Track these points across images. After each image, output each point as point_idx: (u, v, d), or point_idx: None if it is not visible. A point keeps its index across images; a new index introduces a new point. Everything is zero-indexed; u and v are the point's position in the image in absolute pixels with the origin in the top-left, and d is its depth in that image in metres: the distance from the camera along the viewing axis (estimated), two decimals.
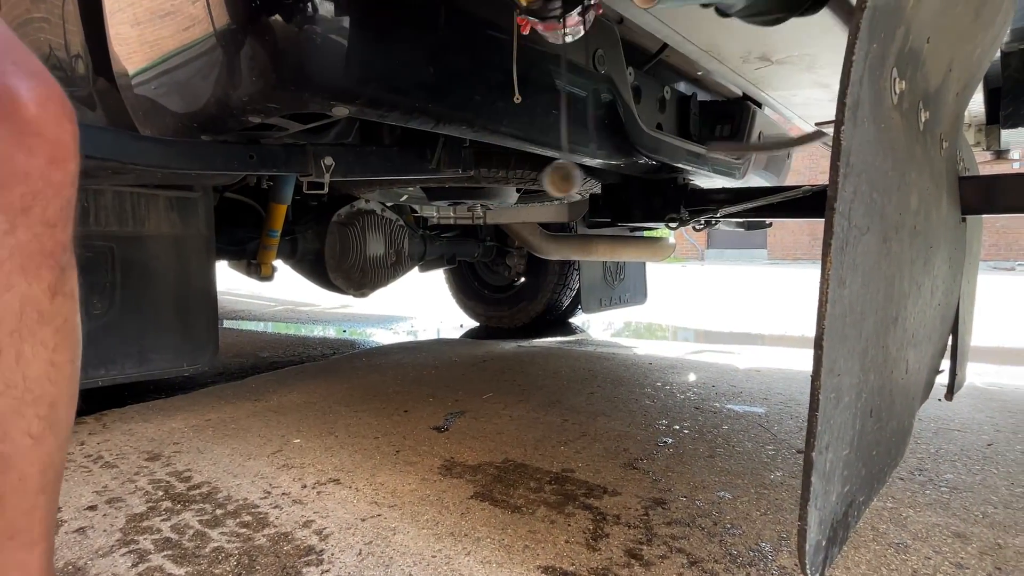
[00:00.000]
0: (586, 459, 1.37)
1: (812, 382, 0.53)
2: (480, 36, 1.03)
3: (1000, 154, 2.46)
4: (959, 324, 1.31)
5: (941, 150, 1.05)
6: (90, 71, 1.06)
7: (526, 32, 0.84)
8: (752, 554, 0.99)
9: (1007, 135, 2.14)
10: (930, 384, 1.15)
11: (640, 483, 1.25)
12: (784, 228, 14.40)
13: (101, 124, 1.07)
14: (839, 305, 0.54)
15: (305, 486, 1.25)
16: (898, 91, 0.70)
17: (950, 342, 1.28)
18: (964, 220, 1.32)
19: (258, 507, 1.16)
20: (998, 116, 2.06)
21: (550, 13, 0.80)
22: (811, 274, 9.60)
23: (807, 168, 13.16)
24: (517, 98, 0.98)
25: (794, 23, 1.48)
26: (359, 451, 1.43)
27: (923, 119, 0.87)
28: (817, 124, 0.87)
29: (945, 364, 1.25)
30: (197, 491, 1.23)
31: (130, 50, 1.01)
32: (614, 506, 1.15)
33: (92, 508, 1.17)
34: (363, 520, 1.10)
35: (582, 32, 0.83)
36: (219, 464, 1.36)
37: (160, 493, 1.23)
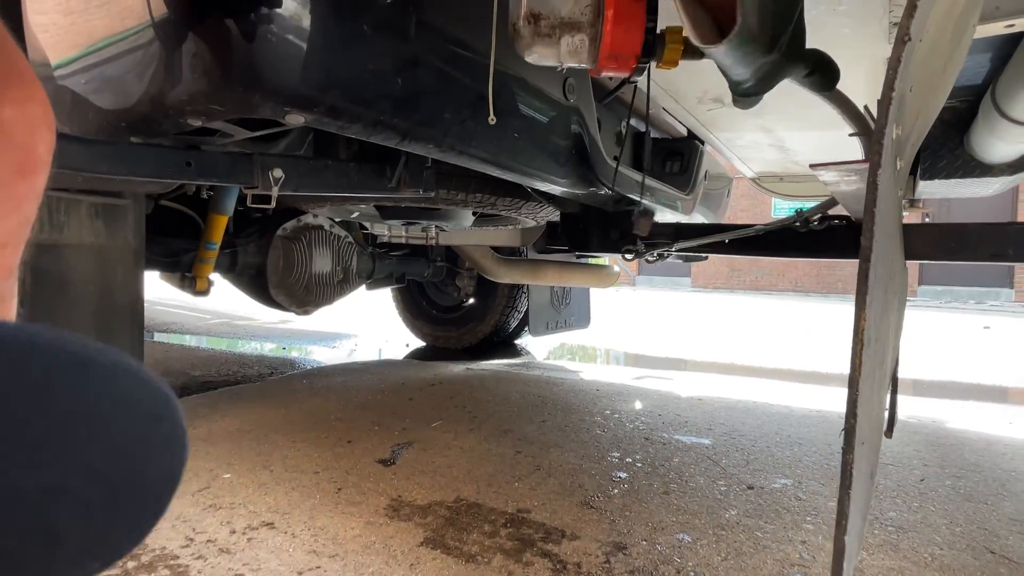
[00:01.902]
0: (541, 497, 1.26)
1: (844, 456, 0.45)
2: (453, 51, 0.93)
3: (913, 203, 2.58)
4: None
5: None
6: None
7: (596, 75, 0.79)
8: None
9: (922, 186, 2.23)
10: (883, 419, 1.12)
11: (598, 524, 1.15)
12: (707, 260, 14.91)
13: None
14: (867, 365, 0.47)
15: (234, 531, 1.07)
16: (895, 135, 0.65)
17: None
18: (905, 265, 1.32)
19: (178, 558, 0.98)
20: (916, 168, 2.13)
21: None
22: (729, 300, 9.96)
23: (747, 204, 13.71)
24: (492, 119, 0.88)
25: None
26: (297, 488, 1.26)
27: (898, 166, 0.83)
28: (812, 166, 0.82)
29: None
30: None
31: (52, 37, 0.84)
32: (574, 552, 1.04)
33: None
34: (300, 574, 0.94)
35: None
36: None
37: None
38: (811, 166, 0.87)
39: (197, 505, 1.17)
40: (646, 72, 0.85)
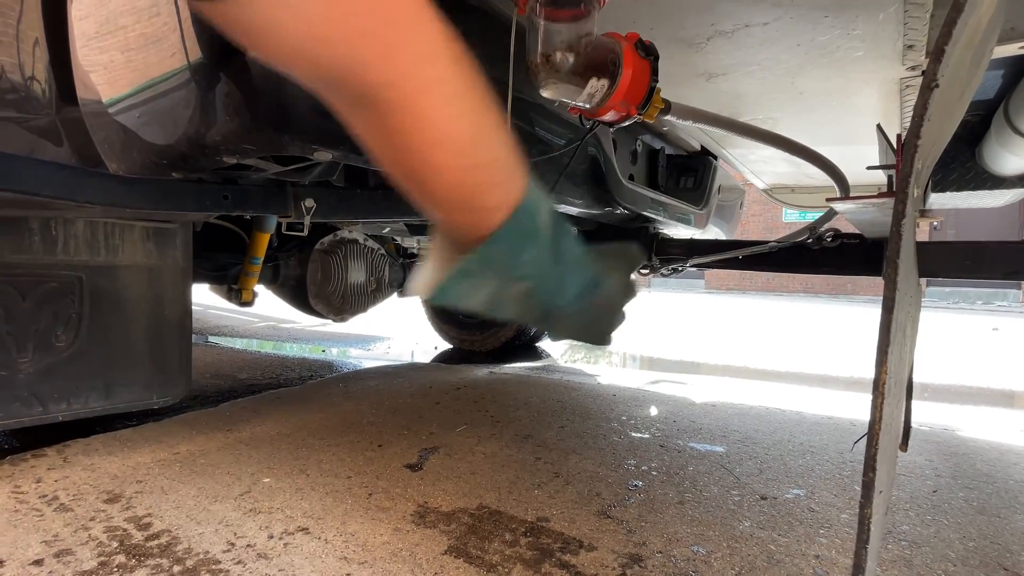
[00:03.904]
0: (560, 505, 1.23)
1: (861, 510, 0.41)
2: None
3: (924, 213, 2.47)
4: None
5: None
6: (54, 97, 0.88)
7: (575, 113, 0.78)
8: None
9: (933, 197, 2.13)
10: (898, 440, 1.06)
11: (615, 535, 1.11)
12: None
13: (65, 156, 0.89)
14: (887, 416, 0.43)
15: (272, 536, 1.06)
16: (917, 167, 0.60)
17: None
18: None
19: (219, 563, 0.97)
20: (927, 181, 2.04)
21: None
22: (741, 302, 9.75)
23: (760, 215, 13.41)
24: None
25: (767, 88, 1.40)
26: (330, 493, 1.25)
27: (916, 194, 0.78)
28: (829, 199, 0.78)
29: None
30: (155, 542, 1.04)
31: (97, 77, 0.84)
32: (591, 564, 1.00)
33: (38, 563, 0.96)
34: None
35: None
36: (183, 508, 1.16)
37: (115, 544, 1.03)
38: (828, 200, 0.83)
39: (239, 509, 1.16)
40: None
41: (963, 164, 2.00)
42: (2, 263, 1.11)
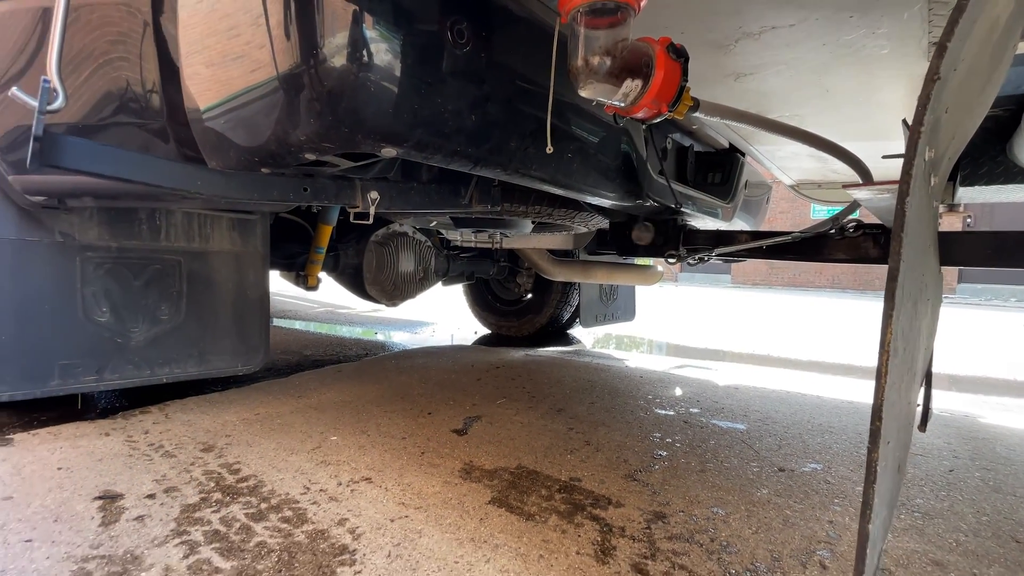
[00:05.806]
0: (591, 468, 1.27)
1: (869, 455, 0.44)
2: (517, 88, 0.94)
3: (952, 207, 2.37)
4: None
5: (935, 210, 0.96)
6: (164, 106, 0.97)
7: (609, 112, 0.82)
8: (748, 574, 0.89)
9: (962, 191, 2.04)
10: (914, 415, 1.05)
11: (641, 495, 1.14)
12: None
13: (172, 153, 0.99)
14: (893, 374, 0.45)
15: (340, 483, 1.15)
16: (927, 159, 0.61)
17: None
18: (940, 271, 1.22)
19: (298, 503, 1.06)
20: (956, 174, 1.97)
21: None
22: (767, 297, 9.47)
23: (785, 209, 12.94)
24: (549, 149, 0.89)
25: (794, 86, 1.39)
26: (389, 451, 1.33)
27: (932, 183, 0.77)
28: (846, 186, 0.78)
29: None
30: (244, 484, 1.14)
31: (201, 88, 0.92)
32: (619, 518, 1.04)
33: (151, 496, 1.07)
34: (392, 520, 1.00)
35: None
36: (265, 458, 1.27)
37: (212, 484, 1.13)
38: (844, 186, 0.83)
39: (312, 461, 1.26)
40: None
41: (993, 158, 1.91)
42: (119, 248, 1.23)
